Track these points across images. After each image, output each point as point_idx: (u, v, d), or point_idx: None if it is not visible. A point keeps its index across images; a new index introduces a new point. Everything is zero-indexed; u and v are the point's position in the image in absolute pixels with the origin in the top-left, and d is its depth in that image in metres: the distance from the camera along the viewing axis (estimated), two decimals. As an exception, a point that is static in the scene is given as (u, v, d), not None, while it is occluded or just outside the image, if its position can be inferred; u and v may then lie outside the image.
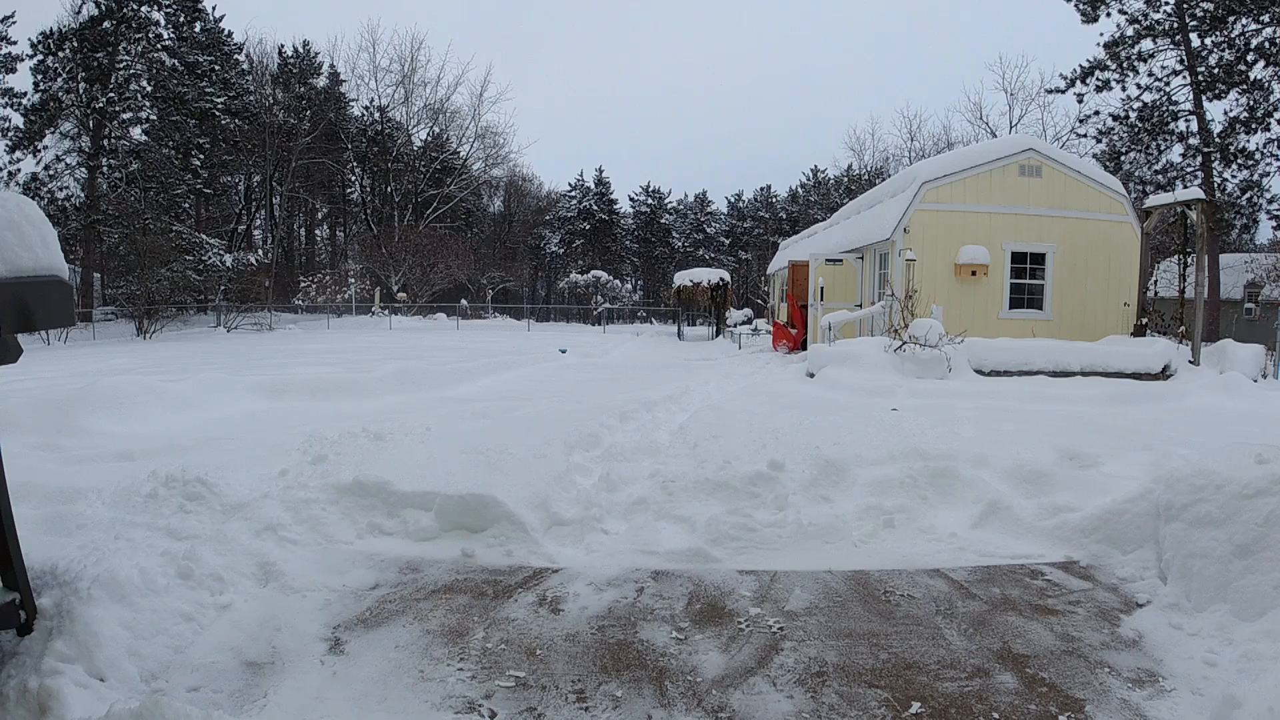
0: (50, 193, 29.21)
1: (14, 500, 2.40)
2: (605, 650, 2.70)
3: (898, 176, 16.77)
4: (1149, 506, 3.46)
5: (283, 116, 36.85)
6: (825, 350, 10.55)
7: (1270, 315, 24.89)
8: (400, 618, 2.94)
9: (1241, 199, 26.16)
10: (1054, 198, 13.35)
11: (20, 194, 4.20)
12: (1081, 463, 4.63)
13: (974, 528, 3.95)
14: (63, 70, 29.58)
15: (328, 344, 18.52)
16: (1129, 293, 12.81)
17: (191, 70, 32.48)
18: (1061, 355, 9.73)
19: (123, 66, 30.47)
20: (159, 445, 5.23)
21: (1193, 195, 11.24)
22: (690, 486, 4.30)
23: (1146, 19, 26.32)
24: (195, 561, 2.98)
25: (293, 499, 3.82)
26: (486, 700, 2.36)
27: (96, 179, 30.27)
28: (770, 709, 2.32)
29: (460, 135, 42.44)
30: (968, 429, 5.90)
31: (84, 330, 23.53)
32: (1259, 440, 5.19)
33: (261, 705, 2.31)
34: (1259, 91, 24.90)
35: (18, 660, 2.30)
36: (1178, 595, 2.95)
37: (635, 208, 52.15)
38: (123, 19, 29.96)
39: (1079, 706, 2.33)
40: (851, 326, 13.85)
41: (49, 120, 29.16)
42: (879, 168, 41.75)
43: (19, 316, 2.17)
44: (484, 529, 3.77)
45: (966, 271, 13.13)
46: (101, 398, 6.24)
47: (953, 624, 2.92)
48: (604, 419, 6.29)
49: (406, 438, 5.26)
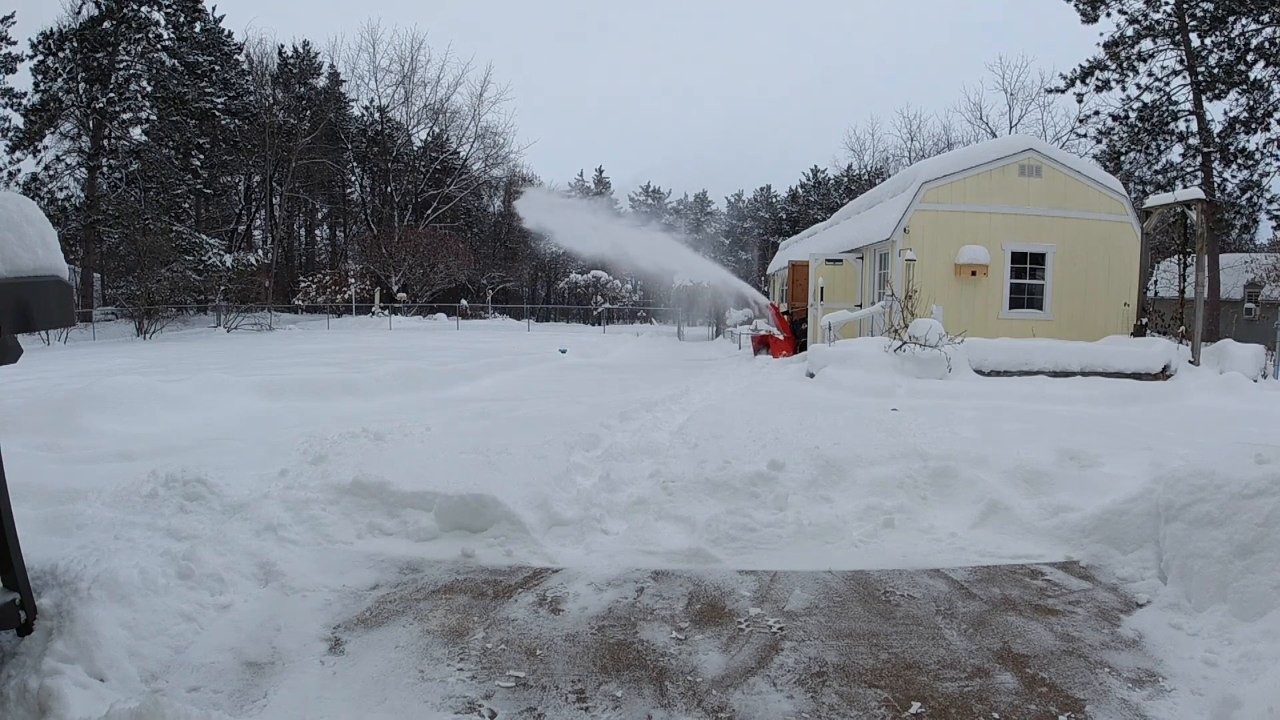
0: (50, 193, 29.21)
1: (14, 500, 2.40)
2: (605, 650, 2.70)
3: (898, 176, 16.77)
4: (1149, 506, 3.46)
5: (283, 116, 36.86)
6: (825, 350, 10.54)
7: (1270, 315, 24.89)
8: (400, 618, 2.94)
9: (1241, 199, 26.16)
10: (1054, 198, 13.35)
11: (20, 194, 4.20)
12: (1081, 463, 4.63)
13: (974, 528, 3.95)
14: (63, 70, 29.59)
15: (327, 344, 18.53)
16: (1129, 293, 12.80)
17: (191, 70, 32.50)
18: (1061, 355, 9.73)
19: (123, 66, 30.49)
20: (159, 445, 5.24)
21: (1193, 195, 11.24)
22: (690, 486, 4.30)
23: (1146, 19, 26.31)
24: (195, 562, 2.98)
25: (293, 499, 3.82)
26: (486, 700, 2.36)
27: (96, 179, 30.29)
28: (770, 709, 2.32)
29: (460, 135, 42.50)
30: (968, 429, 5.90)
31: (84, 330, 23.53)
32: (1259, 440, 5.19)
33: (261, 705, 2.31)
34: (1259, 91, 24.90)
35: (18, 660, 2.30)
36: (1178, 595, 2.95)
37: (635, 208, 52.16)
38: (123, 19, 29.97)
39: (1079, 706, 2.33)
40: (851, 326, 13.85)
41: (49, 120, 29.16)
42: (879, 168, 41.77)
43: (19, 316, 2.17)
44: (484, 529, 3.77)
45: (966, 271, 13.13)
46: (101, 398, 6.24)
47: (953, 624, 2.92)
48: (604, 419, 6.29)
49: (406, 438, 5.26)
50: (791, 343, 15.17)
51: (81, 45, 29.49)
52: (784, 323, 15.69)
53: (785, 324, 15.64)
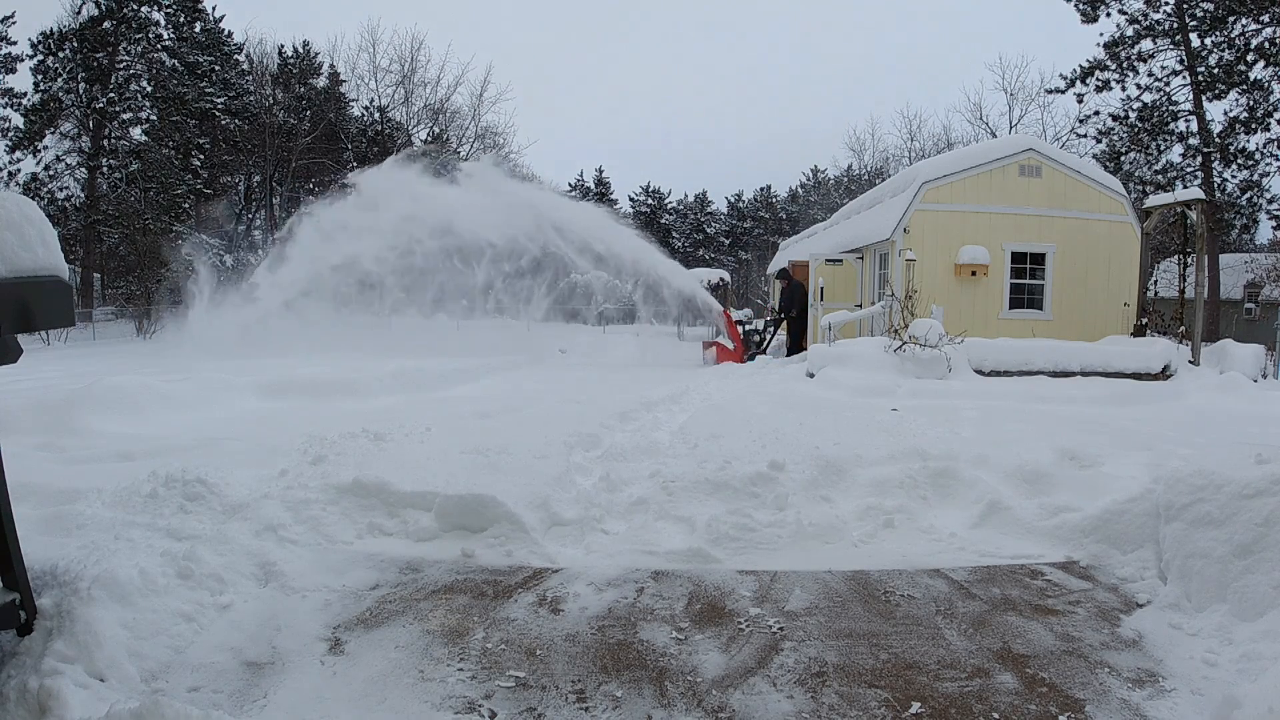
0: (50, 193, 29.24)
1: (14, 500, 2.40)
2: (605, 650, 2.70)
3: (898, 176, 16.77)
4: (1149, 506, 3.46)
5: (283, 117, 36.82)
6: (825, 350, 10.54)
7: (1270, 315, 24.90)
8: (400, 618, 2.94)
9: (1241, 199, 26.19)
10: (1054, 198, 13.34)
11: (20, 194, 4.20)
12: (1081, 463, 4.63)
13: (974, 528, 3.95)
14: (63, 70, 29.61)
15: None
16: (1129, 293, 12.79)
17: (191, 70, 32.50)
18: (1061, 355, 9.73)
19: (123, 67, 30.51)
20: (159, 445, 5.23)
21: (1193, 195, 11.23)
22: (690, 487, 4.30)
23: (1146, 19, 26.34)
24: (195, 562, 2.98)
25: (293, 499, 3.82)
26: (486, 700, 2.36)
27: (96, 179, 30.29)
28: (770, 709, 2.32)
29: (460, 135, 42.46)
30: (968, 429, 5.90)
31: (84, 330, 23.51)
32: (1259, 440, 5.21)
33: (261, 705, 2.31)
34: (1259, 91, 24.92)
35: (18, 660, 2.30)
36: (1178, 595, 2.95)
37: (635, 208, 52.13)
38: (123, 19, 29.99)
39: (1079, 706, 2.33)
40: (851, 327, 13.84)
41: (49, 120, 29.18)
42: (879, 168, 41.73)
43: (19, 316, 2.17)
44: (484, 529, 3.77)
45: (966, 271, 13.12)
46: (101, 398, 6.24)
47: (953, 624, 2.92)
48: (604, 419, 6.29)
49: (406, 438, 5.26)
50: (740, 353, 14.96)
51: (81, 45, 29.50)
52: (735, 331, 15.68)
53: (736, 333, 15.63)
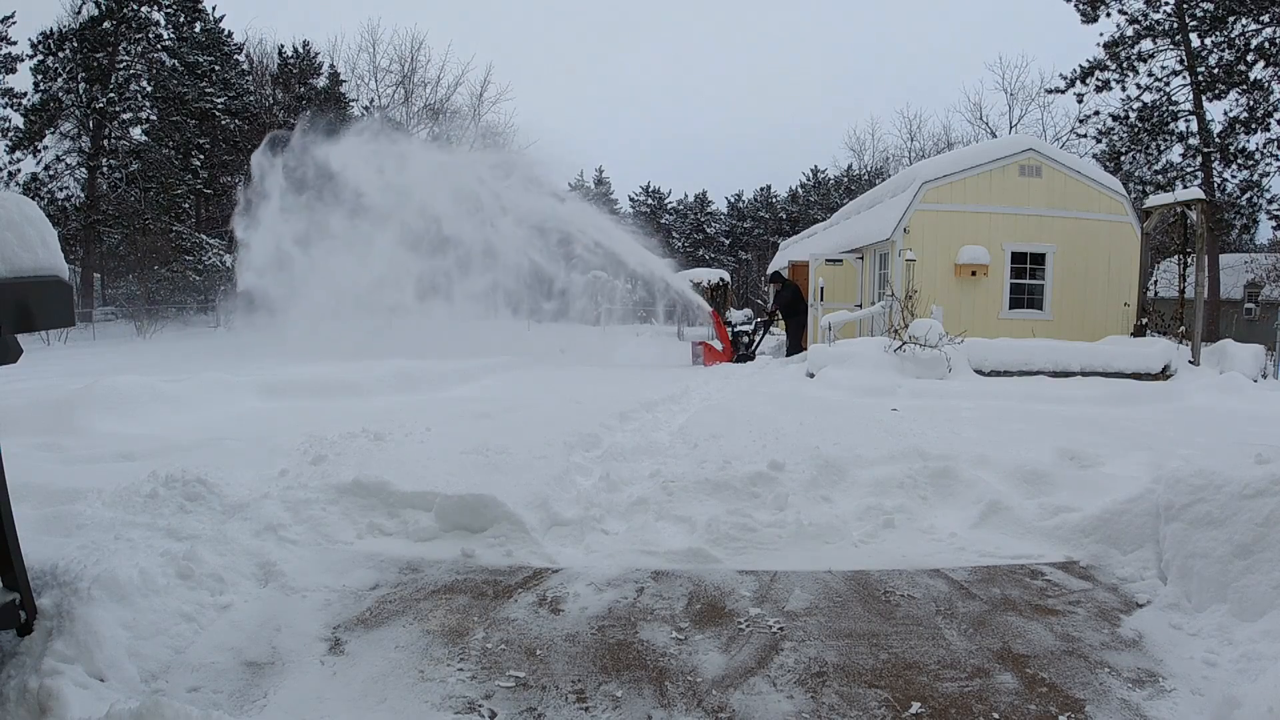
0: (50, 193, 29.25)
1: (14, 500, 2.40)
2: (605, 650, 2.70)
3: (898, 176, 16.77)
4: (1149, 507, 3.46)
5: (283, 117, 36.83)
6: (825, 350, 10.54)
7: (1270, 315, 24.90)
8: (400, 618, 2.94)
9: (1241, 199, 26.20)
10: (1054, 198, 13.35)
11: (20, 194, 4.21)
12: (1082, 463, 4.63)
13: (974, 528, 3.95)
14: (63, 70, 29.63)
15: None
16: (1129, 293, 12.80)
17: (191, 70, 32.48)
18: (1061, 355, 9.73)
19: (123, 67, 30.52)
20: (159, 445, 5.22)
21: (1193, 195, 11.23)
22: (690, 486, 4.30)
23: (1146, 19, 26.35)
24: (195, 562, 2.98)
25: (293, 499, 3.82)
26: (486, 700, 2.36)
27: (96, 179, 30.32)
28: (770, 709, 2.32)
29: (460, 135, 42.45)
30: (968, 429, 5.90)
31: (84, 330, 23.53)
32: (1259, 440, 5.21)
33: (261, 705, 2.31)
34: (1259, 91, 24.93)
35: (18, 660, 2.30)
36: (1178, 595, 2.95)
37: (635, 208, 52.12)
38: (123, 19, 30.01)
39: (1079, 706, 2.33)
40: (851, 327, 13.84)
41: (49, 120, 29.21)
42: (879, 168, 41.78)
43: (19, 316, 2.17)
44: (484, 529, 3.77)
45: (966, 271, 13.12)
46: (101, 398, 6.23)
47: (953, 624, 2.92)
48: (604, 419, 6.29)
49: (406, 438, 5.26)
50: (729, 354, 14.97)
51: (81, 45, 29.52)
52: (723, 332, 15.68)
53: (725, 334, 15.63)
